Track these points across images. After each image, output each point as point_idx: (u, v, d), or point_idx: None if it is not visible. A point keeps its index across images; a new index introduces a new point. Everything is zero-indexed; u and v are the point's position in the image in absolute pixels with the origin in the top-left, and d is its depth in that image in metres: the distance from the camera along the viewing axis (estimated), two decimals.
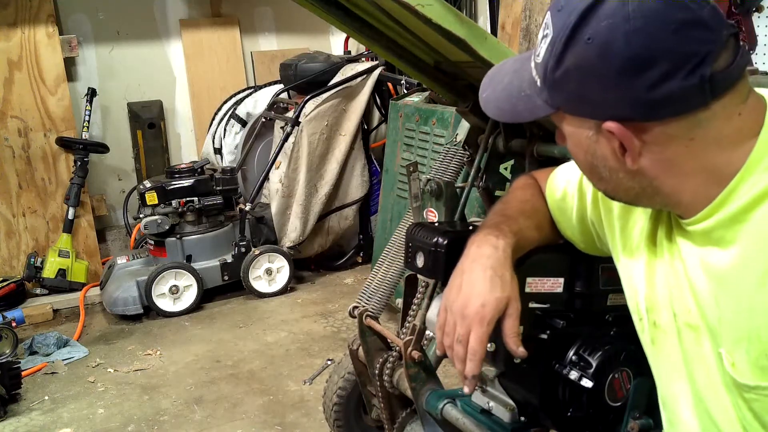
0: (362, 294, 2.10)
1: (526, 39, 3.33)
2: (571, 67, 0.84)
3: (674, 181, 0.87)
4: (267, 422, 2.56)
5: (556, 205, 1.24)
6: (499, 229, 1.15)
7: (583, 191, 1.16)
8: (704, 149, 0.84)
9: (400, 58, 1.83)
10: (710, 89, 0.80)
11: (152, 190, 3.68)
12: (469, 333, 1.08)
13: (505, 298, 1.09)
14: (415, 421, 1.82)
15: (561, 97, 0.88)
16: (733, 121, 0.83)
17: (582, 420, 1.31)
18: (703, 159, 0.84)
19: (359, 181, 4.19)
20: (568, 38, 0.84)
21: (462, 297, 1.10)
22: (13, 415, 2.70)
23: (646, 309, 1.01)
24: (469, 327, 1.08)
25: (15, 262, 3.99)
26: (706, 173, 0.85)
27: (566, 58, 0.84)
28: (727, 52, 0.80)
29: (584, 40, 0.82)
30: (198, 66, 4.92)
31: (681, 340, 0.95)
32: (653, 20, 0.79)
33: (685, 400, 0.97)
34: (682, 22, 0.79)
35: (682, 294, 0.94)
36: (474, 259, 1.12)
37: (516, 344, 1.11)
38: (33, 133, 3.95)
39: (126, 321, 3.61)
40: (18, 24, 3.86)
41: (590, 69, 0.83)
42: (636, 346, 1.33)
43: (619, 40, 0.80)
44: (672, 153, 0.85)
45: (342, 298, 3.76)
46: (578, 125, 0.90)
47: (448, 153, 2.08)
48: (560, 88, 0.87)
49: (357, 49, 4.71)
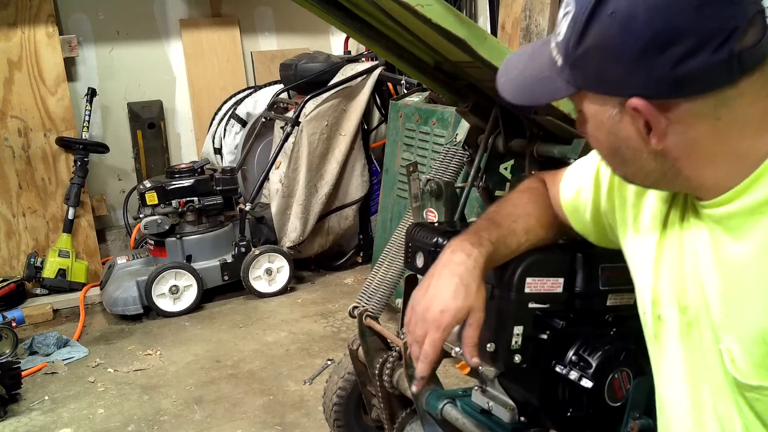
0: (362, 294, 2.10)
1: (526, 39, 3.33)
2: (594, 43, 0.82)
3: (697, 164, 0.85)
4: (267, 422, 2.56)
5: (569, 203, 1.23)
6: (478, 236, 1.15)
7: (598, 182, 1.15)
8: (730, 131, 0.82)
9: (400, 58, 1.83)
10: (738, 66, 0.78)
11: (152, 190, 3.68)
12: (425, 336, 1.09)
13: (466, 308, 1.09)
14: (415, 421, 1.82)
15: (583, 76, 0.86)
16: (760, 103, 0.81)
17: (582, 420, 1.31)
18: (729, 141, 0.82)
19: (359, 181, 4.19)
20: (590, 14, 0.81)
21: (426, 300, 1.11)
22: (13, 415, 2.71)
23: (651, 301, 1.00)
24: (426, 330, 1.09)
25: (15, 262, 3.99)
26: (731, 157, 0.83)
27: (589, 34, 0.82)
28: (755, 29, 0.78)
29: (607, 14, 0.80)
30: (198, 66, 4.92)
31: (682, 335, 0.94)
32: None
33: (682, 404, 0.96)
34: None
35: (687, 285, 0.92)
36: (445, 264, 1.12)
37: (471, 354, 1.11)
38: (33, 133, 3.96)
39: (126, 321, 3.61)
40: (18, 24, 3.86)
41: (613, 45, 0.80)
42: (636, 346, 1.33)
43: (641, 15, 0.78)
44: (697, 133, 0.82)
45: (342, 298, 3.76)
46: (601, 104, 0.87)
47: (448, 153, 2.08)
48: (582, 65, 0.85)
49: (357, 49, 4.71)
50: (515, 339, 1.26)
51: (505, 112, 1.82)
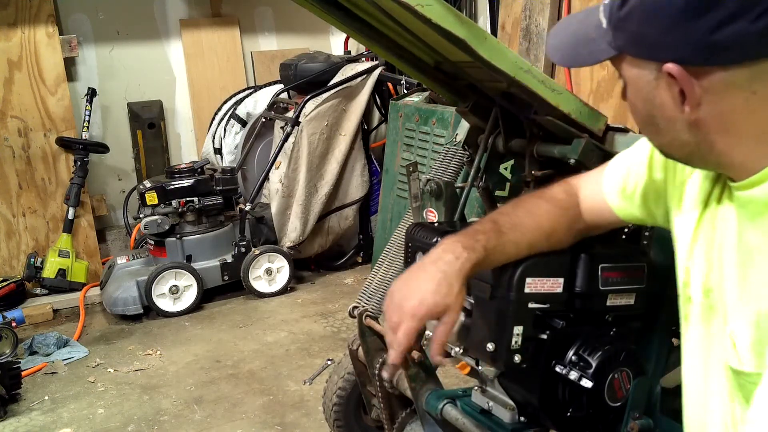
0: (362, 294, 2.10)
1: (526, 39, 3.33)
2: (636, 4, 0.82)
3: (729, 140, 0.84)
4: (267, 422, 2.56)
5: (614, 191, 1.21)
6: (474, 240, 1.15)
7: (652, 162, 1.14)
8: (765, 108, 0.80)
9: (400, 58, 1.83)
10: None
11: (152, 190, 3.68)
12: (400, 324, 1.10)
13: (443, 305, 1.09)
14: (415, 421, 1.82)
15: (624, 38, 0.86)
16: None
17: (582, 420, 1.31)
18: (762, 119, 0.81)
19: (359, 181, 4.19)
20: None
21: (406, 289, 1.12)
22: (13, 415, 2.71)
23: (683, 282, 1.00)
24: (401, 319, 1.10)
25: (15, 262, 3.99)
26: (763, 136, 0.82)
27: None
28: None
29: None
30: (198, 66, 4.92)
31: (703, 318, 0.94)
32: None
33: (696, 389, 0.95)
34: None
35: (713, 267, 0.92)
36: (433, 261, 1.13)
37: (437, 351, 1.12)
38: (33, 133, 3.96)
39: (126, 321, 3.61)
40: (18, 24, 3.86)
41: (654, 6, 0.80)
42: (636, 346, 1.34)
43: None
44: (730, 106, 0.81)
45: (342, 298, 3.76)
46: (639, 69, 0.86)
47: (448, 153, 2.08)
48: (624, 27, 0.85)
49: (357, 49, 4.71)
50: (515, 339, 1.26)
51: (505, 112, 1.82)
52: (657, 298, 1.38)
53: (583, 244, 1.34)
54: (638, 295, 1.36)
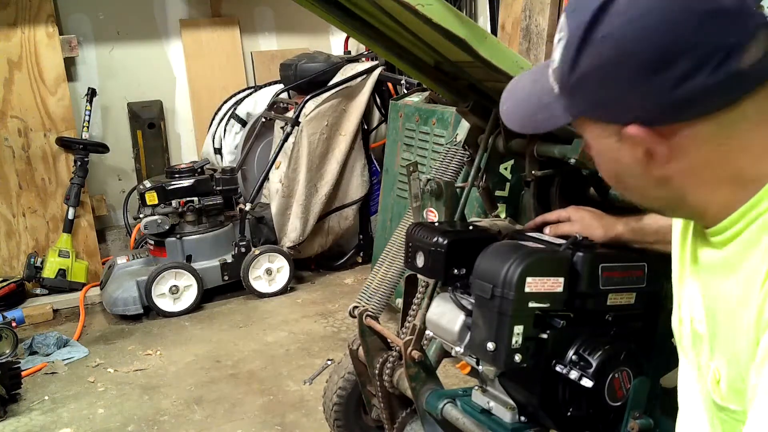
0: (362, 294, 2.10)
1: (526, 39, 3.33)
2: (588, 69, 0.79)
3: (702, 191, 0.81)
4: (267, 422, 2.56)
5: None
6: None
7: None
8: (736, 156, 0.78)
9: (400, 58, 1.83)
10: (739, 85, 0.74)
11: (152, 190, 3.68)
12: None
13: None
14: (415, 421, 1.83)
15: (580, 103, 0.83)
16: (765, 126, 0.77)
17: (582, 420, 1.31)
18: (735, 166, 0.78)
19: (359, 181, 4.19)
20: (582, 39, 0.78)
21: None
22: (13, 415, 2.70)
23: (677, 303, 0.98)
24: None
25: (15, 262, 3.99)
26: (737, 183, 0.79)
27: (582, 60, 0.79)
28: (757, 45, 0.74)
29: (599, 39, 0.77)
30: (198, 66, 4.92)
31: (694, 343, 0.93)
32: (671, 14, 0.73)
33: (686, 412, 0.95)
34: (703, 13, 0.73)
35: (695, 300, 0.91)
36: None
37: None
38: (33, 133, 3.96)
39: (126, 321, 3.61)
40: (18, 24, 3.86)
41: (607, 70, 0.78)
42: (636, 346, 1.34)
43: (636, 37, 0.75)
44: (700, 158, 0.79)
45: (342, 298, 3.76)
46: (600, 132, 0.84)
47: (448, 153, 2.07)
48: (578, 93, 0.82)
49: (357, 49, 4.71)
50: (515, 338, 1.26)
51: None
52: (657, 298, 1.38)
53: (583, 243, 1.34)
54: (638, 294, 1.36)
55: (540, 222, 1.52)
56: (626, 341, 1.32)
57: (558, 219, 1.48)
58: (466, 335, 1.39)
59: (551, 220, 1.49)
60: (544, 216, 1.52)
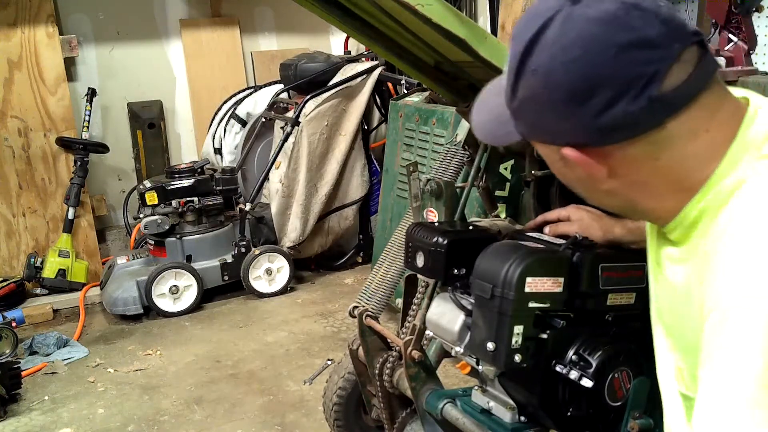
0: (362, 294, 2.10)
1: None
2: (524, 97, 0.85)
3: (649, 201, 0.87)
4: (267, 422, 2.56)
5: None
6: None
7: None
8: (674, 169, 0.82)
9: (400, 58, 1.83)
10: (661, 109, 0.78)
11: (152, 190, 3.68)
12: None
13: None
14: (415, 421, 1.83)
15: (521, 126, 0.90)
16: (699, 139, 0.81)
17: (582, 420, 1.31)
18: (675, 178, 0.83)
19: (359, 181, 4.19)
20: (517, 69, 0.84)
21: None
22: (13, 415, 2.70)
23: (653, 297, 1.03)
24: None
25: (15, 262, 3.99)
26: (679, 191, 0.84)
27: (519, 89, 0.85)
28: (682, 66, 0.78)
29: (530, 71, 0.83)
30: (198, 66, 4.92)
31: (667, 337, 0.96)
32: (591, 48, 0.78)
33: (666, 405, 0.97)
34: (622, 45, 0.77)
35: (660, 293, 0.96)
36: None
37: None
38: (33, 133, 3.95)
39: (126, 321, 3.61)
40: (18, 24, 3.86)
41: (539, 99, 0.83)
42: (636, 346, 1.34)
43: (559, 71, 0.80)
44: (640, 175, 0.84)
45: (342, 298, 3.76)
46: (546, 150, 0.91)
47: (448, 153, 2.07)
48: (519, 117, 0.89)
49: (357, 49, 4.71)
50: (515, 338, 1.26)
51: None
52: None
53: (583, 243, 1.34)
54: (638, 294, 1.36)
55: (540, 222, 1.52)
56: (626, 341, 1.32)
57: (558, 218, 1.48)
58: (466, 335, 1.39)
59: (551, 219, 1.50)
60: (544, 215, 1.53)
